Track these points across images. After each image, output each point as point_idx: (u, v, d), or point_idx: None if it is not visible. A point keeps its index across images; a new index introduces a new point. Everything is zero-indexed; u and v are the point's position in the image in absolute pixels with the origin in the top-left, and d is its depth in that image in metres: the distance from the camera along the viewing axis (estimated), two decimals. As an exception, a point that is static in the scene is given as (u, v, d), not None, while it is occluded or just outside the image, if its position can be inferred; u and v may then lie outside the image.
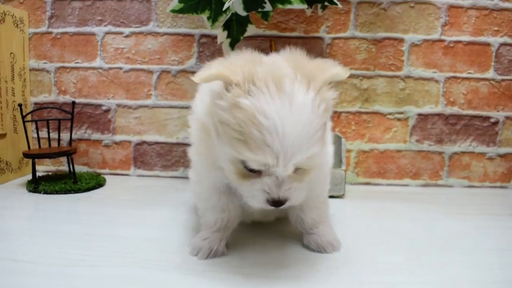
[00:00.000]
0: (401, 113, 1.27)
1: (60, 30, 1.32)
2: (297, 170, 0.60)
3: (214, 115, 0.61)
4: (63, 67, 1.33)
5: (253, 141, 0.55)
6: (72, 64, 1.33)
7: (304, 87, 0.57)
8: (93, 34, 1.31)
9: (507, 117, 1.27)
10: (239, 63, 0.60)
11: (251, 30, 1.07)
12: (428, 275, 0.68)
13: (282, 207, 0.62)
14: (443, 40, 1.25)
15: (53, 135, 1.29)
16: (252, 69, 0.58)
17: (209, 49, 1.28)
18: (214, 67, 0.59)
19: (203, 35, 1.28)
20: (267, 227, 0.86)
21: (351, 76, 1.26)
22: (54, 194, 1.11)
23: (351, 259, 0.74)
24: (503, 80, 1.26)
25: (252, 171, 0.60)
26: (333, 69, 0.60)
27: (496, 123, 1.27)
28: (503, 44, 1.24)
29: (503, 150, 1.28)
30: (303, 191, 0.63)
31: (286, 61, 0.61)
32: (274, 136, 0.55)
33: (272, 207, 0.62)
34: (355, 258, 0.74)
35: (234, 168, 0.61)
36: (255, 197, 0.61)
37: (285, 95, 0.55)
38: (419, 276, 0.68)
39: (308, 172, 0.63)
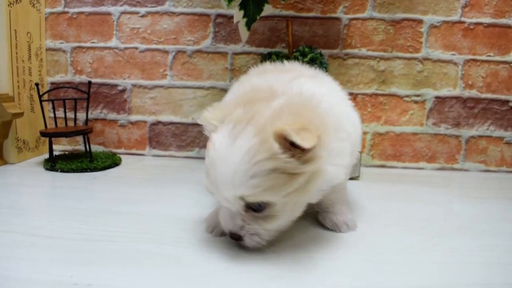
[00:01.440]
0: (418, 95, 1.25)
1: (76, 10, 1.32)
2: (253, 211, 0.62)
3: None
4: (79, 47, 1.34)
5: (205, 167, 0.64)
6: (88, 44, 1.33)
7: (253, 133, 0.58)
8: (109, 13, 1.31)
9: (526, 101, 1.25)
10: (227, 106, 0.66)
11: (267, 9, 1.06)
12: (443, 256, 0.68)
13: (241, 243, 0.65)
14: (463, 22, 1.22)
15: (70, 114, 1.30)
16: (231, 111, 0.63)
17: (225, 29, 1.28)
18: (207, 111, 0.66)
19: (219, 15, 1.27)
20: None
21: (368, 57, 1.24)
22: (71, 172, 1.12)
23: (365, 239, 0.74)
24: (523, 63, 1.23)
25: None
26: (294, 130, 0.57)
27: (515, 107, 1.25)
28: (525, 26, 1.22)
29: (522, 134, 1.26)
30: (259, 236, 0.64)
31: (278, 110, 0.61)
32: (211, 166, 0.61)
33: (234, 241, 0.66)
34: (369, 238, 0.74)
35: None
36: (218, 226, 0.70)
37: (232, 136, 0.60)
38: (433, 257, 0.67)
39: (268, 218, 0.63)
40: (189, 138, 1.33)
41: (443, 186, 1.11)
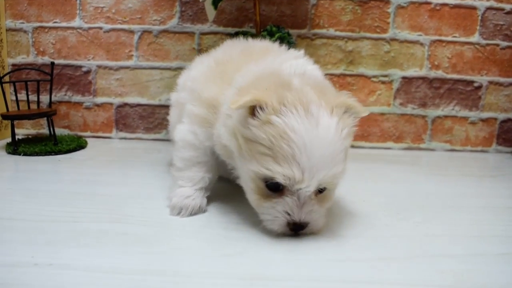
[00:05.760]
0: (386, 76, 1.26)
1: (37, -12, 1.27)
2: (318, 193, 0.63)
3: (238, 135, 0.63)
4: (41, 27, 1.29)
5: (282, 154, 0.58)
6: (50, 24, 1.29)
7: (328, 112, 0.60)
8: (71, -8, 1.27)
9: (490, 82, 1.27)
10: (272, 88, 0.62)
11: (234, -12, 1.04)
12: (408, 229, 0.69)
13: (301, 232, 0.64)
14: (429, 3, 1.23)
15: (32, 97, 1.26)
16: (283, 93, 0.60)
17: (191, 9, 1.25)
18: (249, 93, 0.60)
19: (185, -6, 1.25)
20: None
21: (336, 37, 1.24)
22: (34, 156, 1.09)
23: (332, 215, 0.74)
24: (487, 44, 1.25)
25: (273, 190, 0.62)
26: (353, 101, 0.65)
27: (479, 87, 1.27)
28: (489, 8, 1.23)
29: (485, 114, 1.29)
30: (322, 217, 0.65)
31: (312, 89, 0.62)
32: (302, 151, 0.57)
33: (292, 232, 0.63)
34: (336, 214, 0.74)
35: (255, 187, 0.63)
36: (275, 220, 0.63)
37: (312, 117, 0.59)
38: (398, 230, 0.69)
39: (329, 196, 0.66)
40: (157, 120, 1.31)
41: (410, 165, 1.12)
